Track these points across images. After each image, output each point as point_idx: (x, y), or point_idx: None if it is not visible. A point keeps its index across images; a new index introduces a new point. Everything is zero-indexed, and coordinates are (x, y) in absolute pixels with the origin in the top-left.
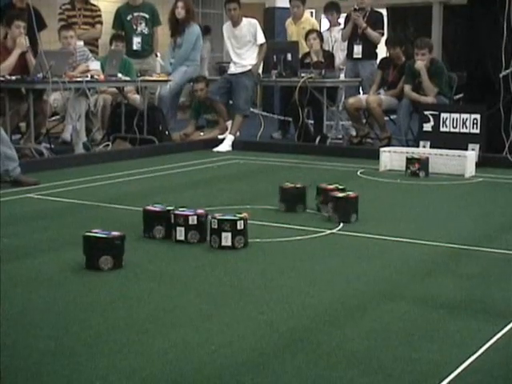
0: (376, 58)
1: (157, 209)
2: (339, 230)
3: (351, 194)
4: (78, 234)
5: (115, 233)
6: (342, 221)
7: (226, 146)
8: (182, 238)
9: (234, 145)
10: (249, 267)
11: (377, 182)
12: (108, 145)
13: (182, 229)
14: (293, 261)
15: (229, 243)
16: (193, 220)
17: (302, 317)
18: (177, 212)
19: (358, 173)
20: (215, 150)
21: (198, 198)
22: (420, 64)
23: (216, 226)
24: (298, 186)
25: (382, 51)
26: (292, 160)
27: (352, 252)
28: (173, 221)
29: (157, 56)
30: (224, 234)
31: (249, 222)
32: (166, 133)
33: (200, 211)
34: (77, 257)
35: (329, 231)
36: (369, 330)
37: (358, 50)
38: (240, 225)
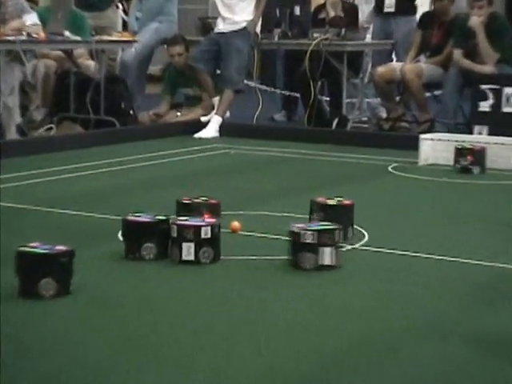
0: (415, 12)
1: (144, 219)
2: (363, 245)
3: (344, 200)
4: (9, 249)
5: (60, 247)
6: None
7: (211, 131)
8: (192, 257)
9: (221, 129)
10: (239, 293)
11: (414, 181)
12: (51, 128)
13: (192, 245)
14: (300, 284)
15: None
16: (206, 233)
17: (312, 360)
18: (181, 222)
19: (390, 168)
20: (197, 136)
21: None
22: (475, 20)
23: (176, 235)
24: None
25: (423, 4)
26: (299, 150)
27: (379, 273)
28: (175, 234)
29: (118, 8)
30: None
31: (243, 232)
32: (131, 112)
33: (210, 219)
34: (9, 279)
35: (350, 246)
36: (400, 379)
37: (390, 1)
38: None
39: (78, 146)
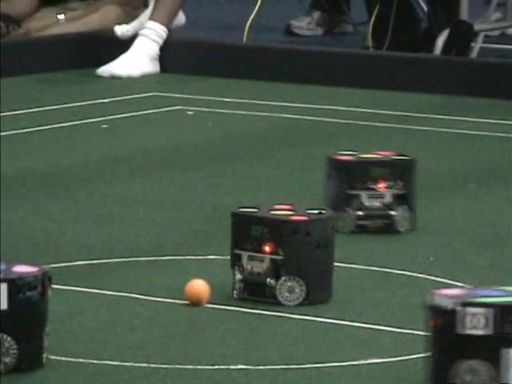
0: None
1: None
2: None
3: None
4: None
5: None
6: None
7: (139, 62)
8: None
9: (165, 56)
10: None
11: None
12: None
13: None
14: None
15: None
16: None
17: None
18: None
19: None
20: (105, 71)
21: (53, 228)
22: None
23: None
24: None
25: None
26: (355, 109)
27: None
28: None
29: None
30: None
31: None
32: None
33: (27, 269)
34: None
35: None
36: None
37: None
38: None
39: None
